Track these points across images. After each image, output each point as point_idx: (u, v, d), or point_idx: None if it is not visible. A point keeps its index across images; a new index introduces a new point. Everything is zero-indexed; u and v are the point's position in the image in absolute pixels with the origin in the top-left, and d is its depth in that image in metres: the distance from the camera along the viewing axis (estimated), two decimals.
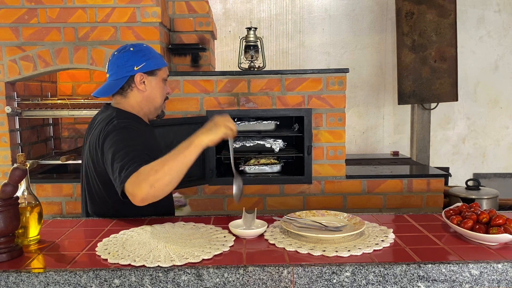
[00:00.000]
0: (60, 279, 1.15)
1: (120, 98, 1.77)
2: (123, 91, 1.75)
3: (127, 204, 1.44)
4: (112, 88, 1.75)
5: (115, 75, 1.74)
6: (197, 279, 1.16)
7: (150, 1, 2.69)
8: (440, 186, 2.84)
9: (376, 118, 4.17)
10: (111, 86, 1.75)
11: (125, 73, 1.72)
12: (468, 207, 1.47)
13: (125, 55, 1.73)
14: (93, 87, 3.43)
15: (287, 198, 2.83)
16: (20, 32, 2.70)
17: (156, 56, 1.78)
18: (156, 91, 1.78)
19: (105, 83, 1.78)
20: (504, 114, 4.17)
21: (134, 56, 1.72)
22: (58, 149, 3.42)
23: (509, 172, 4.20)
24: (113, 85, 1.74)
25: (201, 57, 3.25)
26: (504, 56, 4.10)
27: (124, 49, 1.75)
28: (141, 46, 1.78)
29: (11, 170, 1.25)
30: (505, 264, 1.17)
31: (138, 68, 1.72)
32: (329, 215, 1.57)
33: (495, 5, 4.05)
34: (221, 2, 4.05)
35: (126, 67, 1.71)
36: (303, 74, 2.76)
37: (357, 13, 4.07)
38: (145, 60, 1.73)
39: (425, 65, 3.79)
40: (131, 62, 1.72)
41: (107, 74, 1.78)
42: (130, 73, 1.72)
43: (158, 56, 1.80)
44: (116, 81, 1.73)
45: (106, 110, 1.76)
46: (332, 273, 1.16)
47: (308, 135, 2.78)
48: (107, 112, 1.73)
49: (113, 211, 1.67)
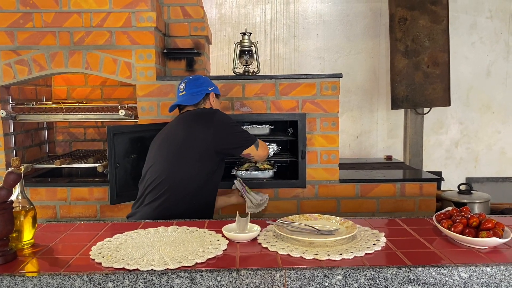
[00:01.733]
0: (54, 282, 1.16)
1: (198, 106, 2.25)
2: (199, 104, 2.25)
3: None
4: (193, 99, 2.23)
5: (194, 91, 2.24)
6: (191, 282, 1.17)
7: (145, 6, 2.70)
8: (433, 190, 2.86)
9: (370, 123, 4.20)
10: (192, 97, 2.23)
11: (204, 91, 2.25)
12: (458, 211, 1.49)
13: (201, 78, 2.31)
14: (88, 91, 3.44)
15: (281, 202, 2.84)
16: (15, 36, 2.71)
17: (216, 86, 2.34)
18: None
19: (185, 96, 2.25)
20: (496, 119, 4.21)
21: (207, 81, 2.31)
22: (52, 153, 3.41)
23: (501, 177, 4.24)
24: (194, 97, 2.23)
25: (196, 62, 3.27)
26: (496, 61, 4.15)
27: (197, 75, 2.35)
28: (205, 77, 2.36)
29: (6, 174, 1.26)
30: (494, 267, 1.18)
31: (211, 89, 2.28)
32: (322, 219, 1.58)
33: (487, 12, 4.10)
34: (216, 7, 4.07)
35: (204, 86, 2.26)
36: (297, 79, 2.78)
37: (351, 18, 4.10)
38: (214, 85, 2.32)
39: (418, 70, 3.82)
40: (206, 84, 2.28)
41: (182, 92, 2.26)
42: (206, 91, 2.26)
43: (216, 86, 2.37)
44: (195, 95, 2.23)
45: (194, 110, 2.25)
46: (324, 277, 1.17)
47: (302, 139, 2.80)
48: (196, 111, 2.23)
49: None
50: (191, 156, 2.06)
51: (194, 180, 2.06)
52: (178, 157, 2.07)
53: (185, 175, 2.05)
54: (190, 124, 2.12)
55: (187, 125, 2.12)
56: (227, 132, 2.11)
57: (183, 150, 2.07)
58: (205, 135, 2.06)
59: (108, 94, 3.44)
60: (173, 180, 2.05)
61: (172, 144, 2.11)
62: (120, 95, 3.43)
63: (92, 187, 2.79)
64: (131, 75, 2.76)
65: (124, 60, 2.75)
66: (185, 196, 2.05)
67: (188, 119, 2.16)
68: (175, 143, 2.10)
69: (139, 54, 2.75)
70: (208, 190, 2.14)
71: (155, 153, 2.17)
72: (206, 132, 2.06)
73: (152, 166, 2.13)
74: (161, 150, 2.14)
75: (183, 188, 2.05)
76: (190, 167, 2.06)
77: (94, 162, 2.88)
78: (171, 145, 2.11)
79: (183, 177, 2.05)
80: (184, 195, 2.05)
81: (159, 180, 2.05)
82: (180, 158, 2.07)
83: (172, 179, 2.05)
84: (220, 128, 2.09)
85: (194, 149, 2.06)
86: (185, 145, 2.07)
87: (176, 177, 2.05)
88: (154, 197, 2.05)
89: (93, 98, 3.43)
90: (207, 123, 2.09)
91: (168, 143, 2.14)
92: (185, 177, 2.05)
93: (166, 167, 2.07)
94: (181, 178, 2.05)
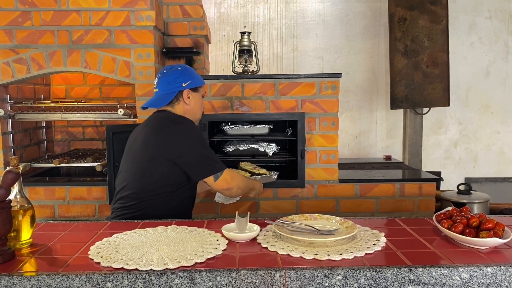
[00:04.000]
0: (52, 282, 1.15)
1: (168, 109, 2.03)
2: (171, 103, 2.03)
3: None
4: (163, 100, 2.02)
5: (165, 90, 2.01)
6: (190, 282, 1.16)
7: (145, 5, 2.70)
8: (432, 191, 2.86)
9: (369, 123, 4.20)
10: (162, 98, 2.02)
11: (175, 88, 2.00)
12: (458, 211, 1.48)
13: (174, 73, 2.02)
14: (87, 90, 3.43)
15: (280, 202, 2.84)
16: (13, 35, 2.70)
17: (198, 76, 2.10)
18: (198, 105, 2.09)
19: (154, 97, 2.06)
20: (495, 119, 4.21)
21: (182, 75, 2.02)
22: (51, 152, 3.40)
23: (500, 177, 4.24)
24: (164, 98, 2.01)
25: (195, 61, 3.26)
26: (495, 62, 4.15)
27: (172, 68, 2.04)
28: (186, 67, 2.09)
29: (4, 173, 1.25)
30: (494, 267, 1.18)
31: (185, 85, 2.01)
32: (321, 218, 1.58)
33: (486, 12, 4.10)
34: (215, 6, 4.07)
35: (176, 83, 2.00)
36: (297, 79, 2.77)
37: (351, 18, 4.10)
38: (190, 78, 2.04)
39: (418, 70, 3.82)
40: (180, 79, 2.01)
41: (155, 89, 2.05)
42: (179, 89, 2.01)
43: (199, 75, 2.11)
44: (167, 95, 2.01)
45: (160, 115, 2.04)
46: (324, 277, 1.17)
47: (301, 139, 2.79)
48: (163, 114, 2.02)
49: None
50: (149, 165, 1.91)
51: (157, 191, 1.91)
52: (138, 166, 1.95)
53: (146, 185, 1.92)
54: (151, 131, 1.95)
55: (148, 132, 1.96)
56: (187, 146, 1.90)
57: (141, 158, 1.94)
58: (161, 144, 1.89)
59: (107, 93, 3.43)
60: (136, 189, 1.93)
61: (134, 151, 1.99)
62: (119, 94, 3.42)
63: (90, 186, 2.78)
64: (130, 74, 2.75)
65: (123, 59, 2.74)
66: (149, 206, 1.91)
67: (151, 124, 1.99)
68: (136, 151, 1.98)
69: (138, 53, 2.74)
70: (177, 201, 1.97)
71: (123, 159, 2.07)
72: (163, 143, 1.89)
73: (120, 173, 2.04)
74: (126, 157, 2.04)
75: (147, 198, 1.91)
76: (149, 177, 1.91)
77: (93, 161, 2.87)
78: (133, 152, 2.00)
79: (145, 187, 1.92)
80: (148, 205, 1.91)
81: (126, 189, 1.96)
82: (140, 167, 1.94)
83: (136, 189, 1.93)
84: (179, 139, 1.89)
85: (151, 158, 1.91)
86: (143, 153, 1.93)
87: (138, 187, 1.93)
88: (121, 205, 1.96)
89: (92, 97, 3.42)
90: (167, 133, 1.90)
91: (132, 149, 2.02)
92: (146, 188, 1.92)
93: (129, 176, 1.97)
94: (141, 188, 1.92)
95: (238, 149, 2.89)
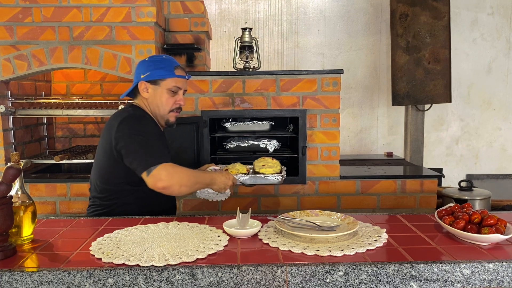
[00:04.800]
0: (53, 278, 1.15)
1: (134, 101, 1.98)
2: (134, 95, 1.97)
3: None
4: (128, 91, 1.97)
5: (134, 80, 1.95)
6: (191, 278, 1.16)
7: (145, 1, 2.69)
8: (434, 187, 2.85)
9: (370, 119, 4.19)
10: (129, 89, 1.96)
11: (136, 80, 1.93)
12: (460, 208, 1.48)
13: (140, 64, 1.93)
14: (88, 86, 3.43)
15: (281, 198, 2.84)
16: (14, 31, 2.69)
17: (165, 68, 1.90)
18: (159, 100, 1.92)
19: None
20: (497, 116, 4.20)
21: (144, 66, 1.91)
22: (52, 149, 3.40)
23: (501, 174, 4.23)
24: (129, 89, 1.96)
25: (196, 57, 3.26)
26: (497, 58, 4.13)
27: (146, 58, 1.95)
28: (156, 58, 1.97)
29: (5, 169, 1.25)
30: (496, 264, 1.18)
31: (143, 77, 1.89)
32: (322, 215, 1.58)
33: (489, 8, 4.08)
34: (216, 2, 4.05)
35: (137, 75, 1.92)
36: (298, 75, 2.77)
37: (352, 14, 4.08)
38: (150, 70, 1.89)
39: (419, 66, 3.81)
40: (140, 70, 1.91)
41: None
42: (138, 80, 1.91)
43: (168, 68, 1.91)
44: (133, 86, 1.94)
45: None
46: (326, 273, 1.17)
47: (302, 135, 2.79)
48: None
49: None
50: (103, 160, 1.86)
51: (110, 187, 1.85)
52: (97, 161, 1.91)
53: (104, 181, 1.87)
54: (106, 126, 1.89)
55: (105, 126, 1.89)
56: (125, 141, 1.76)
57: (99, 153, 1.89)
58: (111, 138, 1.80)
59: (108, 89, 3.43)
60: (96, 185, 1.89)
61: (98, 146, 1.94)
62: (120, 90, 3.41)
63: None
64: (131, 70, 2.74)
65: (124, 55, 2.73)
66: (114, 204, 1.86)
67: (110, 119, 1.91)
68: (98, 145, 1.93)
69: (139, 50, 2.73)
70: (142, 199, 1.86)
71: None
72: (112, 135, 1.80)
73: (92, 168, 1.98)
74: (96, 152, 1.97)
75: (107, 195, 1.86)
76: (104, 172, 1.86)
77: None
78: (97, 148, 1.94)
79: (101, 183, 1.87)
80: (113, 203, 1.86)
81: (91, 184, 1.93)
82: (97, 162, 1.90)
83: (96, 184, 1.89)
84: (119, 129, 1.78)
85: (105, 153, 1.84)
86: (100, 148, 1.89)
87: (98, 182, 1.88)
88: (91, 203, 1.94)
89: (93, 94, 3.41)
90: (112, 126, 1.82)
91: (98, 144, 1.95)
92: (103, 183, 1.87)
93: (93, 171, 1.93)
94: (100, 183, 1.87)
95: (239, 146, 2.89)
